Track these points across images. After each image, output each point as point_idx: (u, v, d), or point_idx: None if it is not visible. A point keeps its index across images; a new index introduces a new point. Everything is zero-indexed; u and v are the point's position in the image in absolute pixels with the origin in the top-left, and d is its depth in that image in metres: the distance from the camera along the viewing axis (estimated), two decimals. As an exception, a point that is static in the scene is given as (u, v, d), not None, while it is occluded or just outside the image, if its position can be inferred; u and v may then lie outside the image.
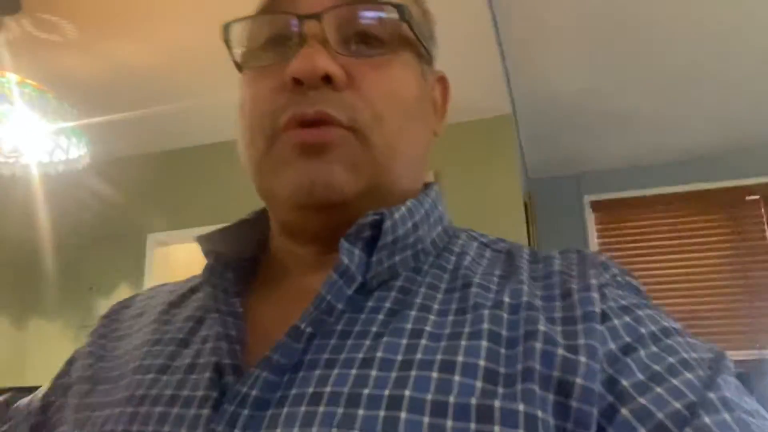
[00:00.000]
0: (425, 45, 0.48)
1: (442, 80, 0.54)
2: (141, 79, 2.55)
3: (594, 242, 3.78)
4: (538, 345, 0.35)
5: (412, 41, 0.46)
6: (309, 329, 0.38)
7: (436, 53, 0.51)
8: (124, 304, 0.56)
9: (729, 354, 0.38)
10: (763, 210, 3.59)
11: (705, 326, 3.51)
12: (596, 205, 3.83)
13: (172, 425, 0.37)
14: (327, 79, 0.41)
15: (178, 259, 3.61)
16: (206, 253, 0.46)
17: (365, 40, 0.44)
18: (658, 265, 3.67)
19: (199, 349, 0.42)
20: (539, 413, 0.33)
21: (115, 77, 2.52)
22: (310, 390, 0.35)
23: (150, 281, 3.24)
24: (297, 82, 0.41)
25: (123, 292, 3.25)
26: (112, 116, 2.58)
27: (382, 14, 0.44)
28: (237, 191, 3.14)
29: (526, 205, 2.89)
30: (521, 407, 0.33)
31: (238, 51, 0.47)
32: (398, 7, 0.44)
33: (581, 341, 0.36)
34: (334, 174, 0.41)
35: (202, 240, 0.46)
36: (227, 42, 0.46)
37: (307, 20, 0.42)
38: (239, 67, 0.47)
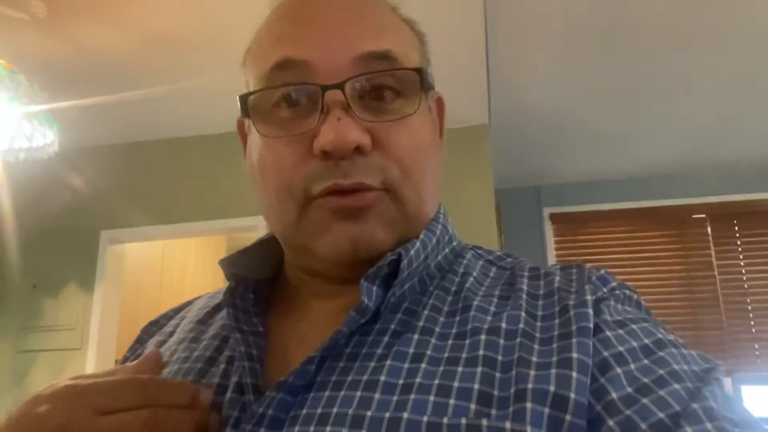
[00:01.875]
0: (431, 86, 0.50)
1: (439, 100, 0.54)
2: (109, 66, 2.40)
3: (552, 254, 3.88)
4: (532, 372, 0.37)
5: (425, 96, 0.48)
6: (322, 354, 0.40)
7: (432, 84, 0.52)
8: (154, 322, 0.60)
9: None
10: (708, 228, 3.79)
11: (653, 337, 3.65)
12: (555, 217, 3.93)
13: None
14: (357, 149, 0.43)
15: (132, 258, 3.42)
16: (228, 277, 0.48)
17: (381, 94, 0.45)
18: (610, 277, 3.80)
19: (225, 368, 0.45)
20: (528, 429, 0.34)
21: (82, 62, 2.36)
22: (319, 411, 0.38)
23: (101, 281, 3.05)
24: (326, 154, 0.42)
25: (70, 292, 3.04)
26: (75, 102, 2.41)
27: (405, 82, 0.45)
28: (201, 191, 3.02)
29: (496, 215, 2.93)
30: (508, 425, 0.34)
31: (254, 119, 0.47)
32: (419, 71, 0.46)
33: (574, 355, 0.37)
34: (374, 234, 0.44)
35: (225, 263, 0.49)
36: (245, 108, 0.46)
37: (330, 89, 0.43)
38: (248, 113, 0.47)
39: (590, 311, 0.40)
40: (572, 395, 0.35)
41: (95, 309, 3.00)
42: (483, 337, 0.40)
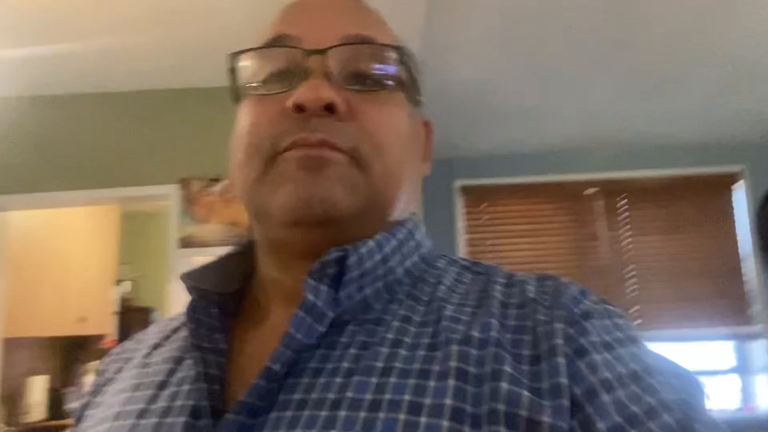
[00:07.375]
0: (416, 89, 0.51)
1: (427, 125, 0.56)
2: (23, 13, 2.08)
3: (461, 225, 3.99)
4: (504, 385, 0.36)
5: (405, 83, 0.49)
6: (283, 369, 0.38)
7: (422, 101, 0.53)
8: (114, 351, 0.56)
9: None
10: (599, 202, 4.10)
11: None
12: (464, 190, 4.04)
13: None
14: (329, 109, 0.43)
15: (17, 229, 3.03)
16: (189, 290, 0.46)
17: (364, 79, 0.46)
18: (513, 247, 4.02)
19: (176, 391, 0.42)
20: None
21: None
22: None
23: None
24: (299, 109, 0.43)
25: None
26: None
27: (384, 56, 0.47)
28: (98, 155, 2.70)
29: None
30: None
31: (239, 82, 0.48)
32: (399, 50, 0.47)
33: (545, 382, 0.36)
34: (333, 190, 0.42)
35: (185, 277, 0.47)
36: (232, 71, 0.47)
37: (312, 55, 0.44)
38: (237, 95, 0.48)
39: (570, 330, 0.38)
40: (545, 419, 0.34)
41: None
42: (455, 347, 0.38)
